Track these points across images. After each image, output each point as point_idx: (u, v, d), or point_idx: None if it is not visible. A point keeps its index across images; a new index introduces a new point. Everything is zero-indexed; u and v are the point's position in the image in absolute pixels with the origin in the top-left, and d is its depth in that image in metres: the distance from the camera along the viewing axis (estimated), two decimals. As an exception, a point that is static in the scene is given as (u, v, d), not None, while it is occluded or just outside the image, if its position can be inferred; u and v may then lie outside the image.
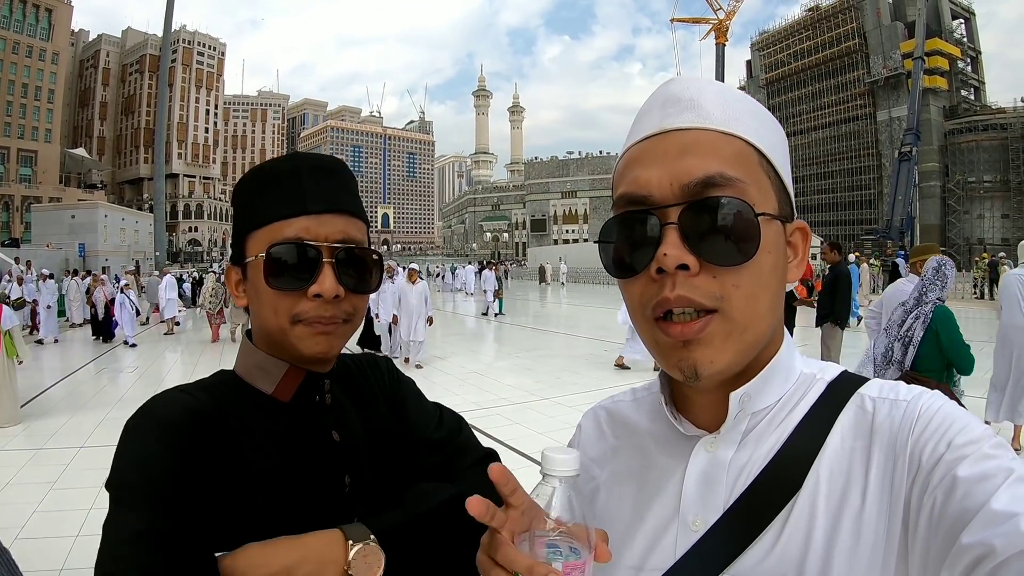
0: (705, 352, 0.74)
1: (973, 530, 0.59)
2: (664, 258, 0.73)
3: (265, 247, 0.97)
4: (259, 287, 0.98)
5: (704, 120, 0.77)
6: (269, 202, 1.00)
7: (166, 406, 0.93)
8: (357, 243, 1.02)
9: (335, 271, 0.97)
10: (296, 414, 1.04)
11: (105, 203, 71.50)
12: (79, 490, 5.90)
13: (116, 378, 12.55)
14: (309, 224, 0.97)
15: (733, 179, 0.73)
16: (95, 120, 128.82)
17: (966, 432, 0.67)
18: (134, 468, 0.86)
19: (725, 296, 0.73)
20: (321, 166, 1.03)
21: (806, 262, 0.81)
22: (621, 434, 0.98)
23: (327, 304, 0.97)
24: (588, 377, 11.68)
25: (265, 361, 1.04)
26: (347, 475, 1.05)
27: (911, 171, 60.97)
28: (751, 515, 0.76)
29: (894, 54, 77.11)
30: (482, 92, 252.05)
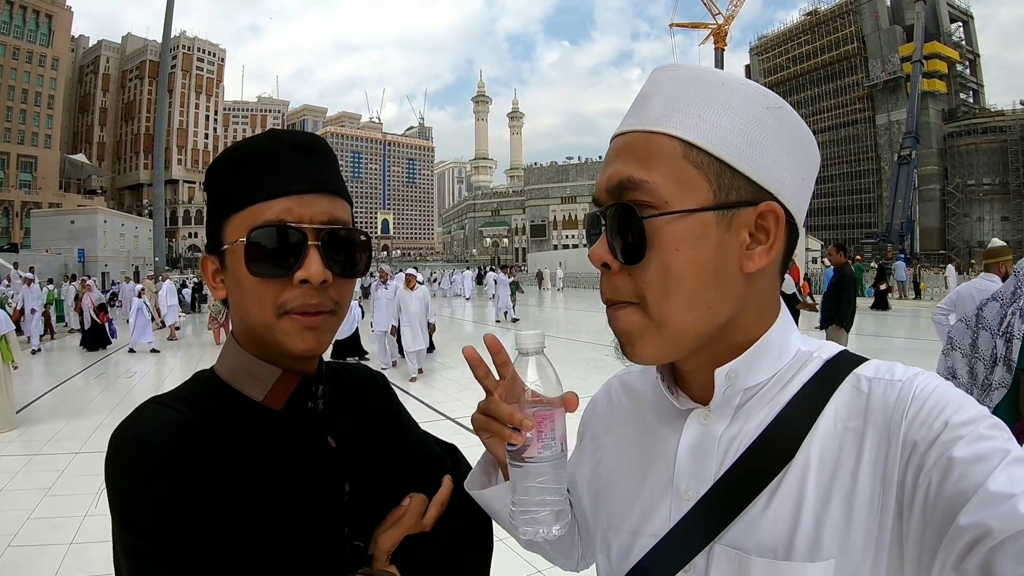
0: (627, 339, 0.81)
1: (970, 511, 0.59)
2: (590, 256, 0.81)
3: (245, 232, 0.89)
4: (240, 276, 0.91)
5: (639, 121, 0.80)
6: (247, 183, 0.92)
7: (151, 424, 0.85)
8: (343, 224, 0.95)
9: (321, 254, 0.90)
10: (289, 422, 0.97)
11: (105, 209, 71.38)
12: (74, 496, 5.81)
13: (113, 383, 12.44)
14: (292, 205, 0.90)
15: (640, 181, 0.76)
16: (95, 126, 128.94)
17: (961, 413, 0.67)
18: (145, 507, 0.80)
19: (639, 293, 0.78)
20: (301, 143, 0.95)
21: (777, 248, 0.79)
22: (627, 403, 1.02)
23: (314, 291, 0.90)
24: (590, 382, 11.20)
25: (254, 365, 0.97)
26: (346, 482, 1.00)
27: (911, 174, 61.22)
28: (739, 487, 0.78)
29: (893, 58, 77.31)
30: (481, 98, 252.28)
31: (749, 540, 0.75)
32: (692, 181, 0.76)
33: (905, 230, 60.42)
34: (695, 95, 0.79)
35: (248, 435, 0.92)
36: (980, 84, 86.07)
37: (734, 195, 0.77)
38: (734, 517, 0.77)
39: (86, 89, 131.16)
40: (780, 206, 0.78)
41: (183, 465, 0.82)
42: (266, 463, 0.92)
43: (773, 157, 0.78)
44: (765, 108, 0.79)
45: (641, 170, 0.77)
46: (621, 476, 0.95)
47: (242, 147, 0.96)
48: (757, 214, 0.77)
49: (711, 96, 0.78)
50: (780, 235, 0.79)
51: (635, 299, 0.78)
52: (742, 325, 0.81)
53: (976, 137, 73.55)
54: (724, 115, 0.77)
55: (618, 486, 0.95)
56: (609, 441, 1.01)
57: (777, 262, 0.81)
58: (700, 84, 0.79)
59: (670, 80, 0.81)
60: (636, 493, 0.91)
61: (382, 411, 1.18)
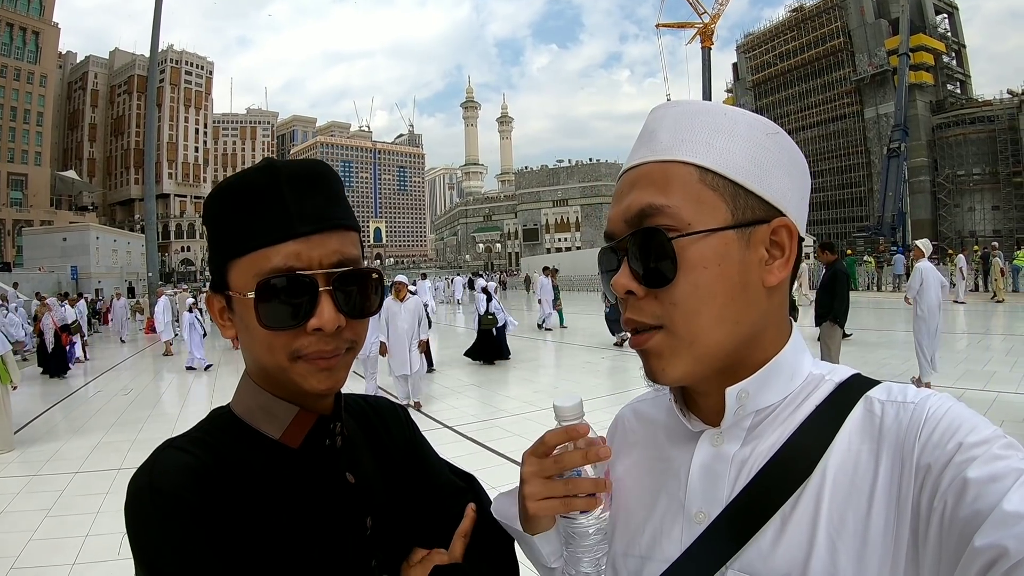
0: (656, 362, 0.81)
1: (985, 532, 0.59)
2: (613, 286, 0.83)
3: (251, 280, 0.86)
4: (250, 324, 0.88)
5: (652, 152, 0.83)
6: (249, 225, 0.87)
7: (166, 472, 0.84)
8: (354, 262, 0.92)
9: (334, 299, 0.88)
10: (307, 460, 0.96)
11: (96, 225, 71.45)
12: (75, 516, 5.83)
13: (110, 401, 12.39)
14: (299, 249, 0.86)
15: (662, 207, 0.79)
16: (84, 142, 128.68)
17: (975, 433, 0.67)
18: (168, 556, 0.79)
19: (665, 314, 0.79)
20: (302, 174, 0.91)
21: (792, 260, 0.83)
22: (639, 429, 1.02)
23: (328, 337, 0.88)
24: (586, 386, 11.58)
25: (271, 403, 0.95)
26: (368, 517, 0.99)
27: (900, 167, 61.22)
28: (751, 509, 0.78)
29: (879, 51, 77.53)
30: (470, 104, 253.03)
31: (762, 565, 0.75)
32: (711, 202, 0.79)
33: (897, 223, 60.44)
34: (701, 125, 0.82)
35: (265, 474, 0.91)
36: (967, 75, 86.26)
37: (750, 214, 0.80)
38: (746, 541, 0.77)
39: (75, 105, 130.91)
40: (791, 221, 0.82)
41: (199, 512, 0.81)
42: (285, 501, 0.91)
43: (777, 178, 0.82)
44: (765, 134, 0.83)
45: (660, 196, 0.79)
46: (633, 501, 0.94)
47: (238, 182, 0.91)
48: (771, 230, 0.80)
49: (716, 126, 0.82)
50: (794, 248, 0.82)
51: (660, 322, 0.80)
52: (762, 343, 0.83)
53: (964, 128, 73.67)
54: (731, 141, 0.81)
55: (630, 511, 0.94)
56: (621, 468, 1.00)
57: (788, 276, 0.84)
58: (704, 115, 0.83)
59: (674, 114, 0.85)
60: (648, 517, 0.90)
61: (402, 446, 1.16)
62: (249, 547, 0.84)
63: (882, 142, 71.99)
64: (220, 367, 15.90)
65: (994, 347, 13.41)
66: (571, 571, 0.88)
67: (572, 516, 0.86)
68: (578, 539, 0.86)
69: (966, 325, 17.31)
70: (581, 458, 0.86)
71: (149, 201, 32.06)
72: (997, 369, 10.68)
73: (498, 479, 4.63)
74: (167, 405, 11.98)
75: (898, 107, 62.01)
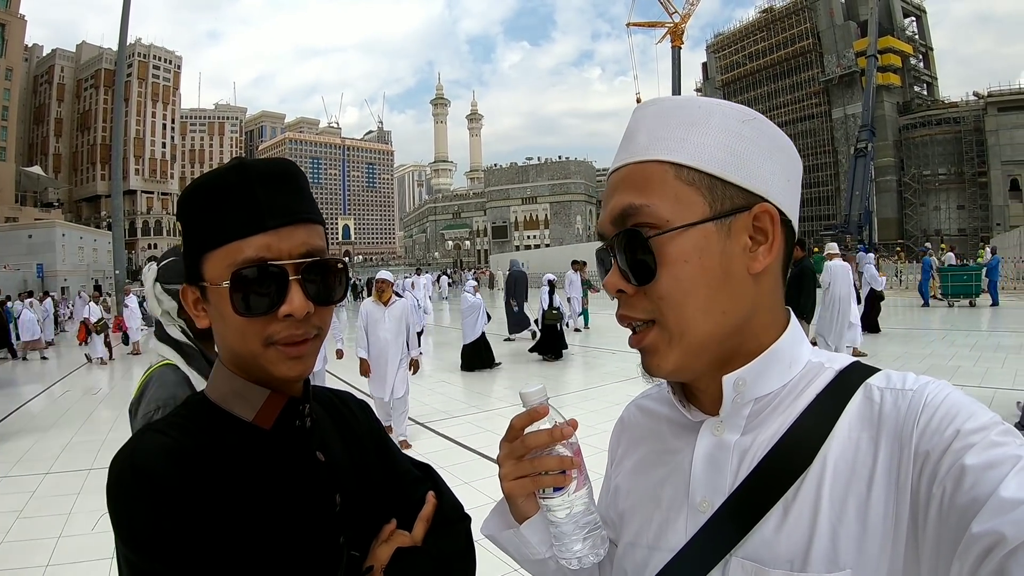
0: (652, 358, 0.84)
1: (983, 519, 0.60)
2: (605, 286, 0.86)
3: (225, 270, 0.91)
4: (224, 313, 0.93)
5: (629, 154, 0.86)
6: (222, 219, 0.93)
7: (147, 454, 0.88)
8: (320, 253, 0.97)
9: (303, 288, 0.93)
10: (279, 440, 1.01)
11: (63, 222, 70.26)
12: (48, 518, 5.77)
13: (80, 400, 12.26)
14: (270, 241, 0.92)
15: (640, 207, 0.81)
16: (50, 137, 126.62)
17: (972, 420, 0.68)
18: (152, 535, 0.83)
19: (656, 309, 0.82)
20: (272, 172, 0.96)
21: (777, 245, 0.83)
22: (645, 424, 1.04)
23: (298, 322, 0.93)
24: (557, 381, 11.69)
25: (244, 388, 1.00)
26: (337, 493, 1.04)
27: (867, 166, 62.34)
28: (754, 497, 0.79)
29: (847, 53, 78.66)
30: (440, 100, 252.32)
31: (766, 552, 0.76)
32: (687, 198, 0.80)
33: (863, 221, 61.50)
34: (676, 121, 0.84)
35: (240, 454, 0.95)
36: (934, 77, 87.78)
37: (728, 204, 0.81)
38: (750, 529, 0.78)
39: (40, 99, 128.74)
40: (773, 206, 0.83)
41: (180, 491, 0.85)
42: (259, 479, 0.95)
43: (757, 164, 0.83)
44: (741, 121, 0.84)
45: (639, 196, 0.81)
46: (640, 494, 0.97)
47: (212, 180, 0.96)
48: (752, 217, 0.82)
49: (690, 120, 0.83)
50: (778, 233, 0.83)
51: (652, 316, 0.82)
52: (754, 331, 0.84)
53: (931, 129, 75.01)
54: (705, 134, 0.82)
55: (637, 504, 0.96)
56: (628, 463, 1.04)
57: (779, 262, 0.85)
58: (679, 111, 0.85)
59: (652, 113, 0.87)
60: (654, 508, 0.92)
61: (367, 432, 1.22)
62: (226, 524, 0.87)
63: (849, 142, 73.21)
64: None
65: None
66: (565, 555, 0.90)
67: (547, 496, 0.88)
68: (558, 519, 0.88)
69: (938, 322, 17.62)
70: (547, 437, 0.89)
71: (116, 197, 31.68)
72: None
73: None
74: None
75: (865, 108, 63.13)
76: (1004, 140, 67.75)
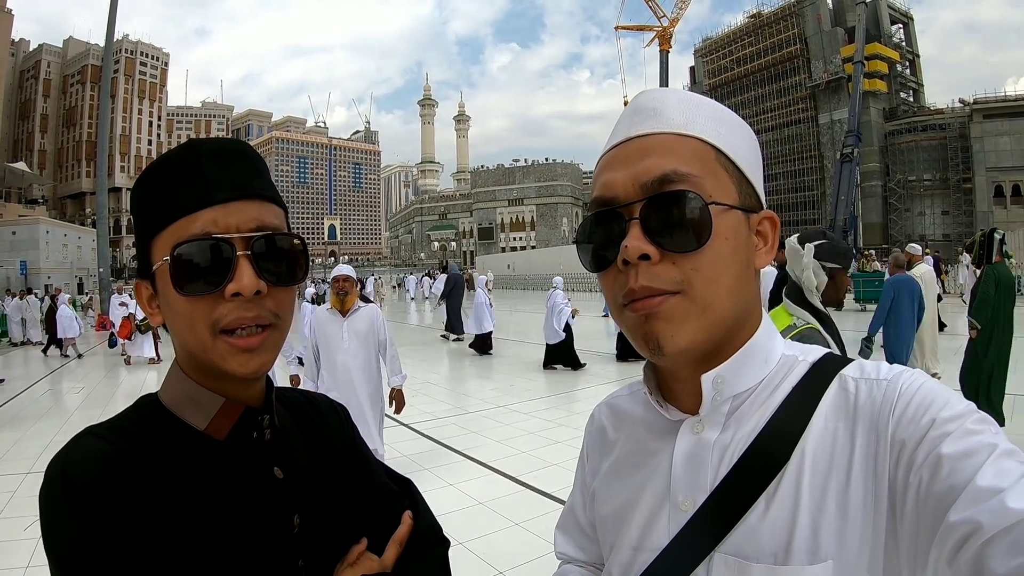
0: (665, 327, 0.78)
1: (960, 508, 0.60)
2: (626, 249, 0.78)
3: (169, 249, 0.85)
4: (169, 297, 0.86)
5: (664, 125, 0.83)
6: (169, 198, 0.87)
7: (80, 461, 0.81)
8: (274, 229, 0.90)
9: (253, 264, 0.85)
10: (232, 453, 0.93)
11: (47, 219, 69.89)
12: (27, 519, 5.63)
13: (60, 399, 12.19)
14: (216, 215, 0.85)
15: (687, 175, 0.78)
16: (36, 133, 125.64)
17: (948, 408, 0.68)
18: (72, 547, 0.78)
19: (685, 279, 0.77)
20: (222, 149, 0.90)
21: (775, 249, 0.86)
22: (619, 426, 1.03)
23: (249, 303, 0.85)
24: (541, 383, 11.69)
25: (196, 392, 0.92)
26: (295, 514, 0.96)
27: (853, 172, 62.68)
28: (736, 494, 0.78)
29: (835, 59, 78.95)
30: (427, 101, 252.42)
31: (748, 547, 0.76)
32: (724, 182, 0.81)
33: (849, 226, 61.75)
34: (708, 113, 0.84)
35: (188, 466, 0.88)
36: (920, 83, 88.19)
37: (748, 200, 0.83)
38: (732, 525, 0.77)
39: (26, 95, 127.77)
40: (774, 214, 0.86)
41: (109, 504, 0.78)
42: (207, 494, 0.88)
43: (759, 175, 0.87)
44: (751, 135, 0.87)
45: (684, 165, 0.79)
46: (620, 496, 0.95)
47: (161, 162, 0.91)
48: (759, 220, 0.85)
49: (720, 116, 0.85)
50: (776, 239, 0.86)
51: (679, 287, 0.78)
52: (743, 325, 0.84)
53: (916, 135, 75.35)
54: (733, 132, 0.85)
55: (617, 507, 0.95)
56: (604, 465, 1.02)
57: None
58: (707, 105, 0.86)
59: (679, 97, 0.86)
60: (635, 509, 0.91)
61: (340, 442, 1.14)
62: (165, 543, 0.81)
63: (835, 147, 73.55)
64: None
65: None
66: None
67: None
68: None
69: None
70: None
71: (101, 195, 31.43)
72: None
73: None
74: (119, 401, 11.70)
75: (852, 113, 63.49)
76: (989, 147, 68.16)
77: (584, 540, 1.11)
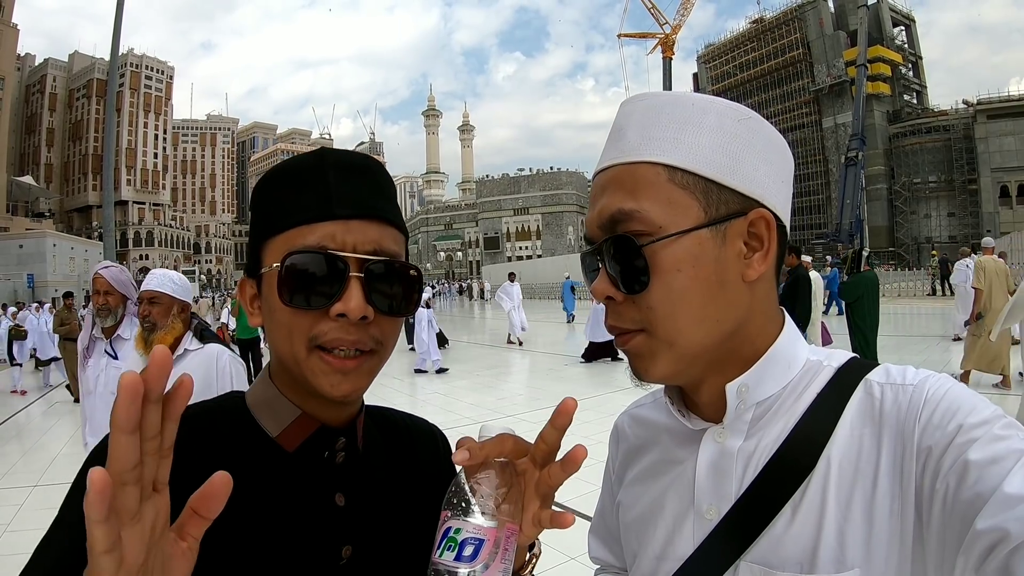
0: (640, 362, 0.82)
1: (987, 515, 0.59)
2: (593, 292, 0.82)
3: (281, 256, 0.82)
4: (272, 303, 0.84)
5: (620, 154, 0.82)
6: (289, 204, 0.85)
7: None
8: (392, 255, 0.87)
9: (364, 287, 0.82)
10: (297, 467, 0.89)
11: (54, 232, 70.32)
12: (35, 531, 5.45)
13: (70, 413, 12.13)
14: (335, 230, 0.83)
15: (631, 212, 0.77)
16: (42, 147, 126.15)
17: (975, 414, 0.67)
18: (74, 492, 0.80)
19: (644, 319, 0.78)
20: (351, 163, 0.89)
21: (772, 252, 0.81)
22: (642, 434, 1.02)
23: (351, 326, 0.82)
24: (549, 392, 11.58)
25: (276, 399, 0.90)
26: (346, 545, 0.89)
27: (858, 175, 62.59)
28: (762, 502, 0.78)
29: (837, 62, 79.19)
30: (432, 112, 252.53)
31: (774, 555, 0.75)
32: (681, 202, 0.77)
33: (854, 229, 61.65)
34: (668, 120, 0.80)
35: (246, 467, 0.84)
36: (923, 85, 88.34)
37: (724, 209, 0.78)
38: (758, 533, 0.77)
39: (32, 109, 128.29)
40: (768, 211, 0.80)
41: None
42: (257, 501, 0.84)
43: (753, 166, 0.80)
44: (736, 121, 0.81)
45: (630, 200, 0.78)
46: (644, 505, 0.94)
47: (287, 164, 0.90)
48: (748, 223, 0.79)
49: (684, 118, 0.80)
50: (773, 239, 0.80)
51: (641, 326, 0.79)
52: (749, 336, 0.82)
53: (920, 137, 75.57)
54: (700, 134, 0.79)
55: (642, 516, 0.94)
56: (629, 475, 1.01)
57: (773, 266, 0.82)
58: (671, 108, 0.81)
59: (642, 109, 0.83)
60: (659, 518, 0.90)
61: (428, 478, 1.04)
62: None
63: (840, 151, 73.59)
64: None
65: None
66: None
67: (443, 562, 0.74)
68: None
69: (925, 328, 17.64)
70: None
71: (107, 208, 31.38)
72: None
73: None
74: None
75: (856, 117, 63.50)
76: (993, 147, 68.27)
77: (616, 546, 1.09)
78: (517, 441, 0.83)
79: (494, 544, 0.75)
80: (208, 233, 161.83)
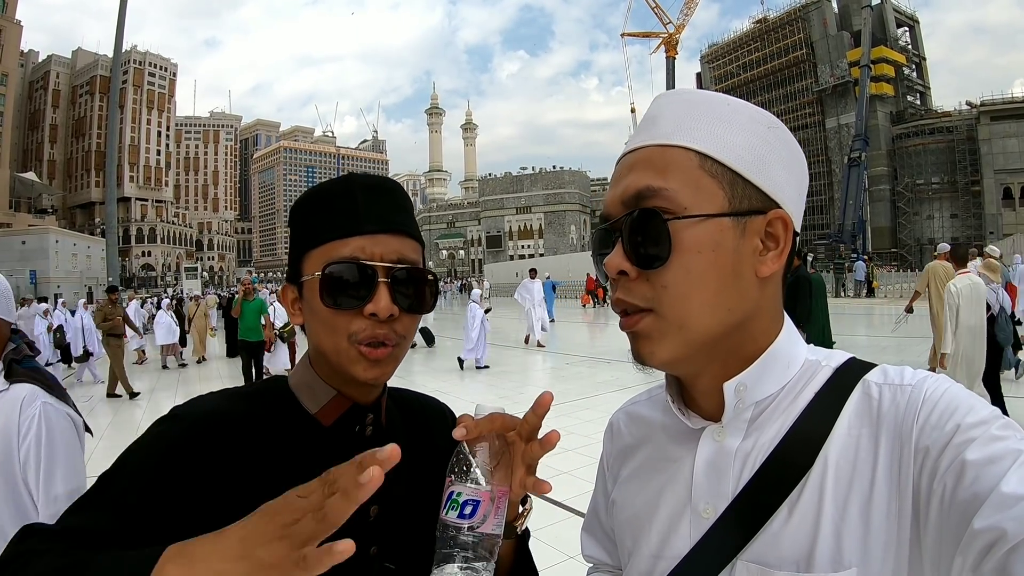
0: (645, 344, 0.82)
1: (984, 515, 0.60)
2: (606, 266, 0.83)
3: (321, 266, 0.96)
4: (315, 306, 0.97)
5: (651, 137, 0.84)
6: (324, 222, 0.99)
7: (187, 407, 0.97)
8: (412, 263, 1.01)
9: (390, 291, 0.96)
10: (332, 438, 1.02)
11: (56, 228, 70.36)
12: None
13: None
14: (364, 244, 0.97)
15: (659, 189, 0.79)
16: (45, 143, 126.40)
17: (972, 414, 0.67)
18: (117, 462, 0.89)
19: (655, 297, 0.79)
20: (376, 185, 1.03)
21: (786, 253, 0.83)
22: (637, 432, 1.03)
23: (381, 323, 0.96)
24: (552, 390, 11.54)
25: (315, 382, 1.04)
26: (374, 505, 1.01)
27: (861, 176, 62.47)
28: (758, 501, 0.78)
29: (841, 63, 78.92)
30: (435, 110, 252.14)
31: (771, 554, 0.76)
32: (708, 188, 0.79)
33: (857, 230, 61.58)
34: (703, 114, 0.83)
35: (289, 438, 0.99)
36: (927, 86, 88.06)
37: (746, 203, 0.80)
38: (755, 532, 0.77)
39: (36, 105, 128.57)
40: (786, 214, 0.82)
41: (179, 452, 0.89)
42: (297, 468, 0.89)
43: (776, 170, 0.82)
44: (767, 127, 0.83)
45: (658, 179, 0.79)
46: (639, 503, 0.95)
47: (320, 189, 1.04)
48: (767, 221, 0.81)
49: (719, 115, 0.82)
50: (789, 240, 0.82)
51: (650, 305, 0.80)
52: (753, 333, 0.83)
53: (924, 138, 75.28)
54: (732, 131, 0.81)
55: (637, 513, 0.95)
56: (624, 473, 1.02)
57: (783, 268, 0.84)
58: (707, 105, 0.84)
59: (678, 102, 0.86)
60: (655, 516, 0.91)
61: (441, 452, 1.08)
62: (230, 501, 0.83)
63: (843, 151, 73.30)
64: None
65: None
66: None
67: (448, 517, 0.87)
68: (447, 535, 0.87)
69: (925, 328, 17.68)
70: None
71: (110, 204, 31.55)
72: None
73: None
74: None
75: (859, 117, 63.30)
76: (997, 149, 68.05)
77: (610, 544, 1.10)
78: (506, 418, 0.89)
79: (489, 503, 0.85)
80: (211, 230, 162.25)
